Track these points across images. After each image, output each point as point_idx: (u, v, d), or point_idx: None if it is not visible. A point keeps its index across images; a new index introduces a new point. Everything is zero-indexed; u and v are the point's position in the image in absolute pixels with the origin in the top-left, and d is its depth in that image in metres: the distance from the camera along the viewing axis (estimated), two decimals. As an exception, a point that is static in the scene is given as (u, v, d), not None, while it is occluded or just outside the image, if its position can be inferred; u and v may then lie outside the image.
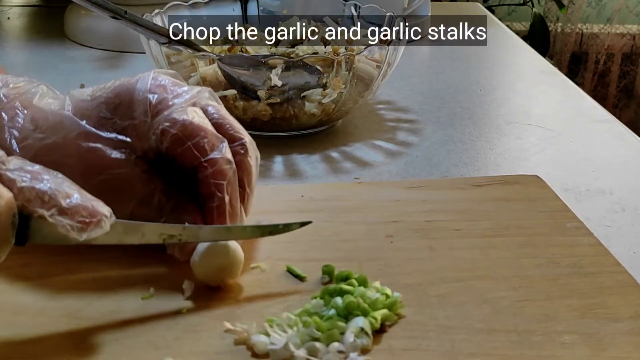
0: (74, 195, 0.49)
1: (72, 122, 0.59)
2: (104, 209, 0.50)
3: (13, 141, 0.59)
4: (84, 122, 0.59)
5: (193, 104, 0.60)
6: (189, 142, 0.58)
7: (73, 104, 0.60)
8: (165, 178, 0.60)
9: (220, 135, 0.60)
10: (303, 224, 0.59)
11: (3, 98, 0.61)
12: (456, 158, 0.85)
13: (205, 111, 0.61)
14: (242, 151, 0.60)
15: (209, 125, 0.60)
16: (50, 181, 0.49)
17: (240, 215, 0.59)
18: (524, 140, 0.91)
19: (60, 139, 0.59)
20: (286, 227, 0.59)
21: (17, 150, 0.58)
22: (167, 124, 0.58)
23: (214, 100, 0.63)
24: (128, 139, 0.59)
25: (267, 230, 0.58)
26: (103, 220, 0.50)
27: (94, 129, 0.59)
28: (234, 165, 0.59)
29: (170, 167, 0.60)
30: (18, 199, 0.47)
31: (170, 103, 0.59)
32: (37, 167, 0.49)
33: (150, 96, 0.60)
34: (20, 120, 0.59)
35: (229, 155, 0.59)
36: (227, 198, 0.58)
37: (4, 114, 0.60)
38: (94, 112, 0.60)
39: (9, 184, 0.47)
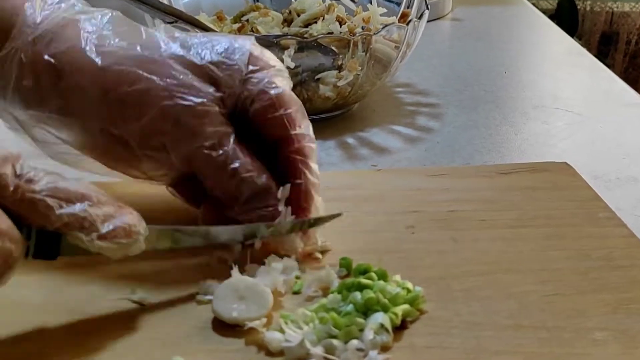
0: (113, 218, 0.50)
1: (168, 45, 0.59)
2: (140, 227, 0.51)
3: (91, 47, 0.58)
4: (180, 49, 0.59)
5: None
6: (282, 110, 0.59)
7: (168, 33, 0.61)
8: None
9: (307, 116, 0.62)
10: (333, 217, 0.61)
11: (78, 7, 0.61)
12: (479, 144, 0.85)
13: None
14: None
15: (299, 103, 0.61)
16: (87, 202, 0.49)
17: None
18: (551, 125, 0.91)
19: (152, 54, 0.59)
20: (316, 221, 0.60)
21: (94, 55, 0.58)
22: (267, 86, 0.59)
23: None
24: (219, 73, 0.59)
25: (298, 225, 0.59)
26: (139, 240, 0.51)
27: (188, 55, 0.59)
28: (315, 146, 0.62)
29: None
30: (55, 224, 0.48)
31: (273, 65, 0.61)
32: (69, 183, 0.49)
33: (253, 50, 0.61)
34: (97, 28, 0.59)
35: (313, 136, 0.62)
36: (312, 177, 0.60)
37: (80, 21, 0.59)
38: (192, 42, 0.60)
39: (45, 210, 0.48)
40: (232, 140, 0.58)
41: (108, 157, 0.60)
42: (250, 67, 0.60)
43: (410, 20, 0.86)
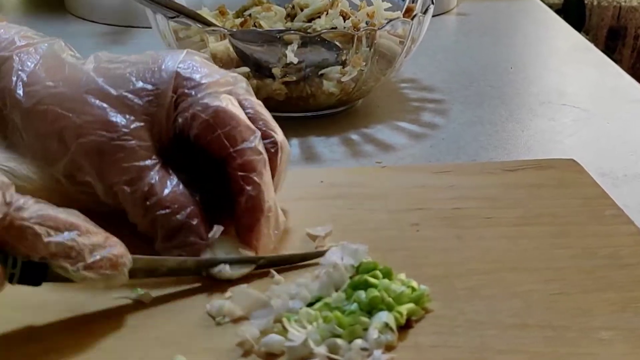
0: (101, 248, 0.50)
1: (88, 78, 0.59)
2: (125, 259, 0.51)
3: (19, 84, 0.59)
4: (100, 80, 0.59)
5: (229, 92, 0.60)
6: (219, 130, 0.58)
7: (96, 62, 0.61)
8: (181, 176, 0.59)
9: (252, 127, 0.59)
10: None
11: (18, 42, 0.61)
12: (485, 141, 0.85)
13: (240, 104, 0.61)
14: (273, 150, 0.61)
15: (242, 115, 0.60)
16: (76, 231, 0.49)
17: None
18: (558, 121, 0.90)
19: (70, 91, 0.58)
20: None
21: (21, 95, 0.58)
22: (199, 108, 0.58)
23: (250, 93, 0.63)
24: (138, 101, 0.58)
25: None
26: (123, 272, 0.51)
27: (106, 86, 0.58)
28: (266, 157, 0.59)
29: (191, 164, 0.60)
30: (42, 252, 0.48)
31: (205, 82, 0.59)
32: (58, 211, 0.49)
33: (181, 70, 0.60)
34: (31, 65, 0.60)
35: (261, 147, 0.59)
36: (254, 192, 0.58)
37: (15, 57, 0.60)
38: (116, 70, 0.59)
39: (34, 238, 0.47)
40: (153, 173, 0.57)
41: (52, 195, 0.57)
42: (181, 90, 0.59)
43: (415, 15, 0.86)
